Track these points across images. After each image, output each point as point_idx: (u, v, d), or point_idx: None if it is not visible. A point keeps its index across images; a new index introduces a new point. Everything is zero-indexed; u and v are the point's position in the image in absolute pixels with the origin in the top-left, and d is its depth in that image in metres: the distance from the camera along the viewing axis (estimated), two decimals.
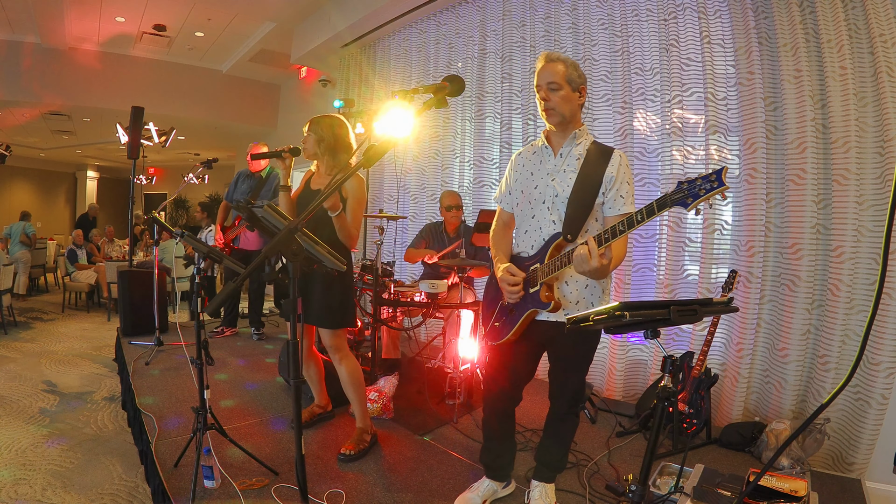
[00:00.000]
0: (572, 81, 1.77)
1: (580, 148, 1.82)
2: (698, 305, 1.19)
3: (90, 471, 2.49)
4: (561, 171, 1.81)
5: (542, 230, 1.81)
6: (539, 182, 1.85)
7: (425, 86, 1.58)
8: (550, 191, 1.81)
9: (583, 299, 1.81)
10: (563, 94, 1.76)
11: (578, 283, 1.80)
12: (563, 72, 1.75)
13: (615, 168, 1.75)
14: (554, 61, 1.77)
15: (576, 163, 1.80)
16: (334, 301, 2.35)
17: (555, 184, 1.80)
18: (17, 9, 5.68)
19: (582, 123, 1.86)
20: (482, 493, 2.04)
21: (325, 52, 6.09)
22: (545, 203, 1.82)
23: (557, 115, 1.78)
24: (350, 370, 2.43)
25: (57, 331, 5.48)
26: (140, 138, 5.12)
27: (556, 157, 1.84)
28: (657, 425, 1.26)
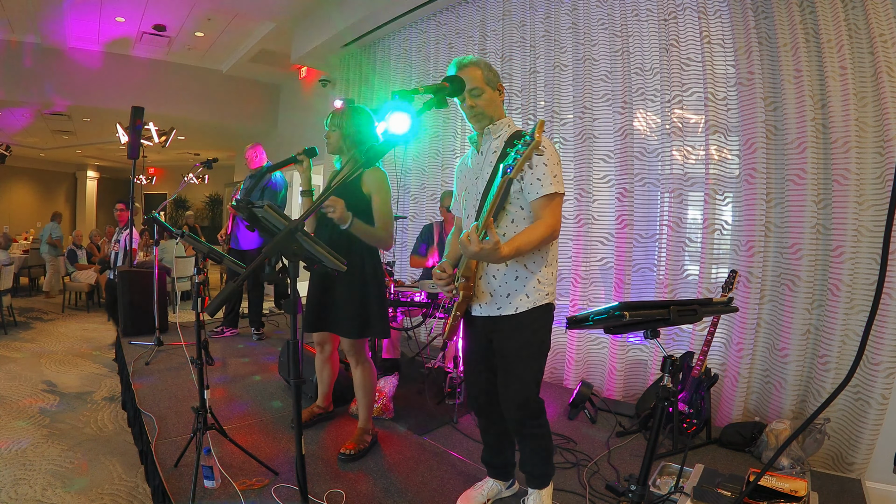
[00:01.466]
0: (491, 82, 1.80)
1: (497, 142, 1.82)
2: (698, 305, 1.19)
3: (90, 471, 2.49)
4: (482, 169, 1.84)
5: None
6: (468, 184, 1.89)
7: (425, 86, 1.58)
8: (475, 190, 1.85)
9: (514, 291, 1.78)
10: (487, 96, 1.79)
11: (507, 276, 1.79)
12: (481, 76, 1.77)
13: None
14: (468, 66, 1.78)
15: (493, 157, 1.80)
16: (355, 308, 2.28)
17: (478, 182, 1.84)
18: (17, 9, 5.68)
19: (503, 116, 1.86)
20: (486, 491, 2.04)
21: (325, 52, 6.09)
22: (472, 203, 1.86)
23: (486, 118, 1.81)
24: (365, 375, 2.42)
25: (57, 331, 5.48)
26: (140, 138, 5.12)
27: (479, 155, 1.87)
28: (657, 425, 1.26)
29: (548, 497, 1.95)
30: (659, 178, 3.23)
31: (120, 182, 15.23)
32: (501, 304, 1.80)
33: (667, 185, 3.17)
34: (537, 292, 1.78)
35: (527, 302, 1.78)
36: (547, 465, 1.93)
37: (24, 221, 12.96)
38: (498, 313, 1.81)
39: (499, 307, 1.80)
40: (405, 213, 4.92)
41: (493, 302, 1.81)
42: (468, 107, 1.79)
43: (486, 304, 1.82)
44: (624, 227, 3.28)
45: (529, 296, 1.77)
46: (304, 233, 1.43)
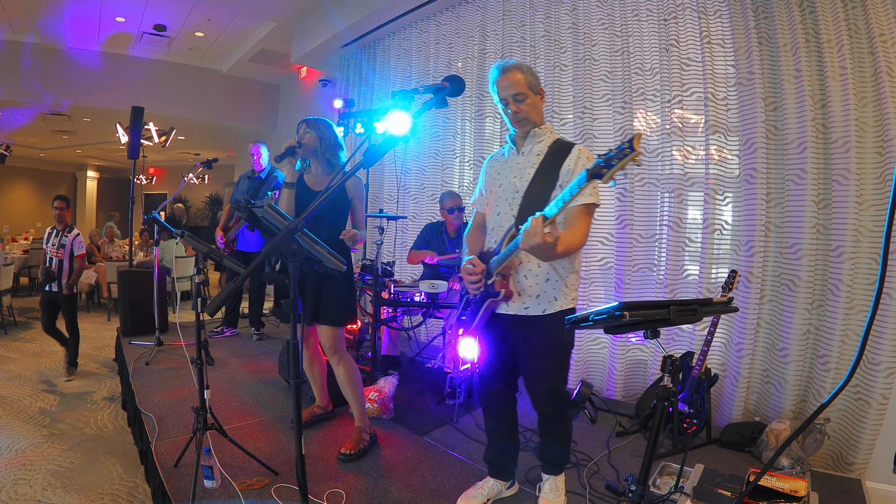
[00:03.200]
0: (533, 87, 1.82)
1: (541, 145, 1.86)
2: (698, 305, 1.19)
3: (90, 471, 2.49)
4: (521, 169, 1.86)
5: (503, 225, 1.85)
6: (503, 181, 1.91)
7: (425, 86, 1.58)
8: (511, 187, 1.87)
9: (543, 293, 1.82)
10: (530, 101, 1.81)
11: (538, 277, 1.82)
12: (523, 80, 1.79)
13: (573, 161, 1.77)
14: (511, 70, 1.80)
15: (535, 159, 1.85)
16: (342, 298, 2.38)
17: (515, 181, 1.86)
18: (17, 9, 5.68)
19: (543, 122, 1.89)
20: (486, 491, 2.04)
21: (325, 52, 6.09)
22: (507, 200, 1.88)
23: (529, 123, 1.84)
24: (347, 371, 2.43)
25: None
26: (140, 138, 5.13)
27: (519, 155, 1.90)
28: (657, 425, 1.26)
29: (562, 483, 2.03)
30: (659, 178, 3.22)
31: (120, 182, 15.23)
32: (529, 305, 1.82)
33: (667, 185, 3.17)
34: (564, 296, 1.83)
35: (555, 305, 1.81)
36: (566, 453, 2.03)
37: (24, 221, 12.96)
38: (525, 313, 1.83)
39: (526, 307, 1.83)
40: (405, 213, 4.92)
41: (521, 301, 1.83)
42: (512, 112, 1.81)
43: (514, 303, 1.84)
44: (624, 227, 3.28)
45: (557, 299, 1.82)
46: (304, 233, 1.43)
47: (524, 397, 3.04)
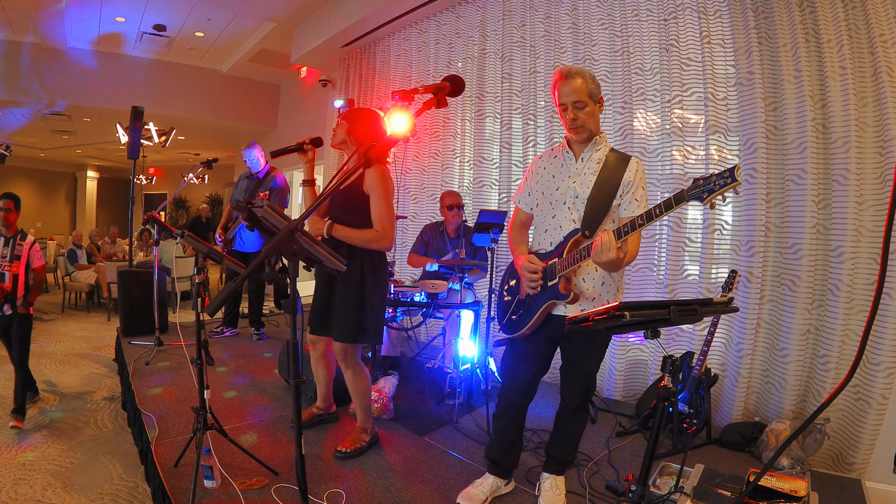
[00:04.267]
0: (594, 95, 1.84)
1: (600, 153, 1.90)
2: (698, 305, 1.18)
3: (90, 471, 2.49)
4: (582, 175, 1.89)
5: (562, 228, 1.88)
6: (560, 184, 1.93)
7: (425, 86, 1.58)
8: (571, 192, 1.89)
9: (598, 296, 1.87)
10: (589, 109, 1.83)
11: (595, 280, 1.86)
12: (584, 88, 1.80)
13: (632, 174, 1.84)
14: (573, 76, 1.80)
15: (596, 166, 1.88)
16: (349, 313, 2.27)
17: (576, 185, 1.88)
18: (17, 9, 5.68)
19: (601, 131, 1.93)
20: (486, 489, 2.05)
21: (325, 52, 6.09)
22: (566, 203, 1.89)
23: (586, 130, 1.86)
24: (357, 380, 2.39)
25: (57, 331, 5.48)
26: (140, 138, 5.12)
27: (578, 161, 1.92)
28: (657, 425, 1.26)
29: (563, 483, 2.06)
30: (659, 178, 3.22)
31: (120, 182, 15.23)
32: (585, 307, 1.86)
33: (667, 185, 3.17)
34: (615, 299, 1.89)
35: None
36: (573, 453, 2.09)
37: (24, 221, 12.86)
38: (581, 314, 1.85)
39: (583, 309, 1.85)
40: (405, 213, 4.92)
41: (578, 304, 1.86)
42: (570, 118, 1.83)
43: (570, 305, 1.86)
44: None
45: (609, 301, 1.86)
46: (303, 233, 1.43)
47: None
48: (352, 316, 2.26)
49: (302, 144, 2.35)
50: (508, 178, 4.09)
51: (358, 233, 2.22)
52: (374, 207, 2.22)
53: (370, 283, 2.28)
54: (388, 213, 2.22)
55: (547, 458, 2.09)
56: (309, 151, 2.37)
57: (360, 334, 2.29)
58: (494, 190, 4.23)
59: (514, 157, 4.05)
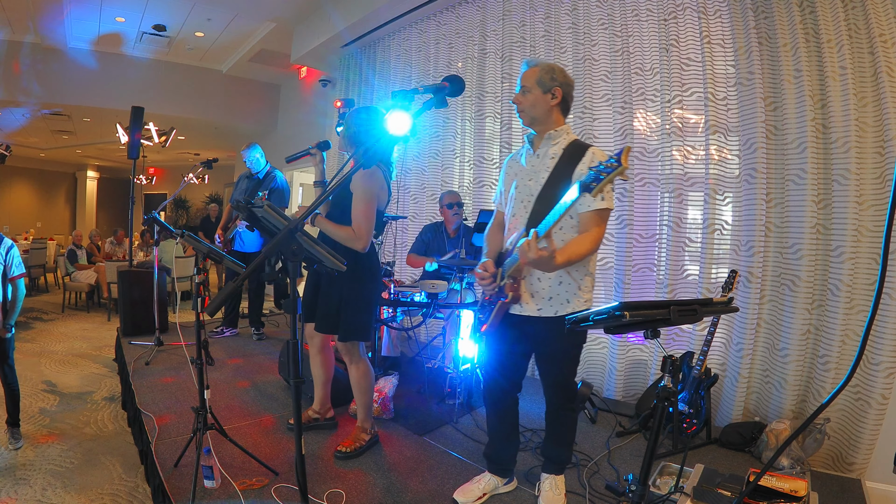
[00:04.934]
0: (543, 84, 1.83)
1: (556, 147, 1.87)
2: (698, 305, 1.18)
3: (90, 471, 2.49)
4: (536, 171, 1.88)
5: (519, 227, 1.86)
6: (520, 182, 1.92)
7: (425, 86, 1.58)
8: (527, 190, 1.88)
9: (556, 295, 1.84)
10: (533, 96, 1.84)
11: (551, 280, 1.84)
12: (534, 74, 1.83)
13: (585, 164, 1.77)
14: (532, 66, 1.86)
15: (550, 161, 1.85)
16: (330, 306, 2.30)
17: (531, 183, 1.87)
18: (17, 9, 5.68)
19: (562, 124, 1.90)
20: (483, 485, 2.06)
21: (325, 52, 6.09)
22: (522, 202, 1.89)
23: (527, 116, 1.87)
24: (360, 375, 2.40)
25: (57, 331, 5.48)
26: (140, 138, 5.12)
27: (535, 156, 1.91)
28: (657, 425, 1.26)
29: (562, 483, 2.04)
30: (659, 178, 3.23)
31: (120, 182, 15.23)
32: (542, 307, 1.85)
33: (667, 185, 3.17)
34: (577, 299, 1.85)
35: (567, 307, 1.83)
36: (568, 451, 2.06)
37: (24, 221, 12.96)
38: (537, 314, 1.85)
39: (539, 308, 1.85)
40: (405, 213, 4.92)
41: (533, 303, 1.85)
42: (514, 99, 1.87)
43: (526, 305, 1.86)
44: (624, 227, 3.28)
45: (570, 301, 1.84)
46: (303, 233, 1.43)
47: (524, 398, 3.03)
48: (332, 310, 2.30)
49: (309, 149, 2.41)
50: None
51: (335, 227, 2.23)
52: (353, 207, 2.22)
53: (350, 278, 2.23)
54: (365, 214, 2.20)
55: (544, 460, 2.09)
56: (316, 155, 2.43)
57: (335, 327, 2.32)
58: (494, 190, 4.23)
59: None
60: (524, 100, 1.85)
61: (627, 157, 1.32)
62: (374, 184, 2.24)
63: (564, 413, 2.00)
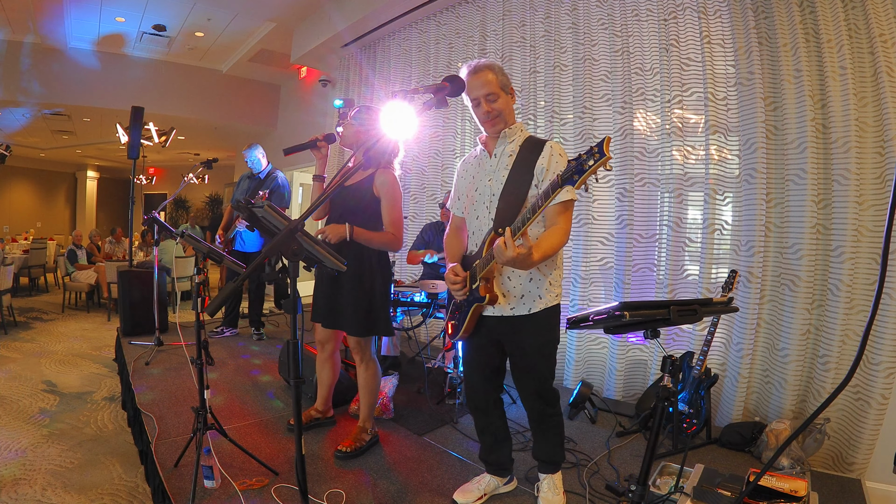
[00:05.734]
0: (505, 86, 1.83)
1: (513, 145, 1.86)
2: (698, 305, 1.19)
3: (90, 471, 2.49)
4: (495, 171, 1.86)
5: (483, 229, 1.86)
6: (479, 185, 1.91)
7: (425, 86, 1.58)
8: (487, 191, 1.86)
9: (528, 293, 1.84)
10: (502, 100, 1.82)
11: (522, 277, 1.83)
12: (495, 80, 1.80)
13: (546, 159, 1.77)
14: (482, 70, 1.80)
15: (508, 160, 1.84)
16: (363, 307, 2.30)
17: (491, 184, 1.86)
18: (17, 9, 5.68)
19: (514, 122, 1.89)
20: (483, 486, 2.06)
21: (325, 52, 6.09)
22: (484, 204, 1.87)
23: (501, 121, 1.84)
24: (370, 374, 2.42)
25: (57, 331, 5.48)
26: (140, 138, 5.12)
27: (492, 158, 1.89)
28: (657, 425, 1.26)
29: (559, 480, 2.04)
30: (659, 178, 3.23)
31: (120, 182, 15.23)
32: (515, 305, 1.84)
33: (667, 185, 3.17)
34: (549, 293, 1.84)
35: (540, 303, 1.83)
36: (559, 450, 2.04)
37: (24, 221, 12.96)
38: (511, 313, 1.85)
39: (512, 307, 1.84)
40: (405, 213, 4.91)
41: (506, 302, 1.84)
42: (484, 112, 1.81)
43: (500, 305, 1.84)
44: (624, 227, 3.28)
45: (542, 297, 1.83)
46: (303, 232, 1.43)
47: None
48: (366, 310, 2.31)
49: (315, 141, 2.38)
50: None
51: (378, 235, 2.29)
52: (387, 212, 2.31)
53: (379, 279, 2.34)
54: (400, 217, 2.33)
55: (538, 462, 2.07)
56: (322, 148, 2.42)
57: (373, 327, 2.34)
58: None
59: None
60: (495, 107, 1.80)
61: (609, 146, 1.32)
62: (399, 184, 2.35)
63: (547, 419, 1.96)
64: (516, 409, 3.06)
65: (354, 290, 2.30)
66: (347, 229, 2.23)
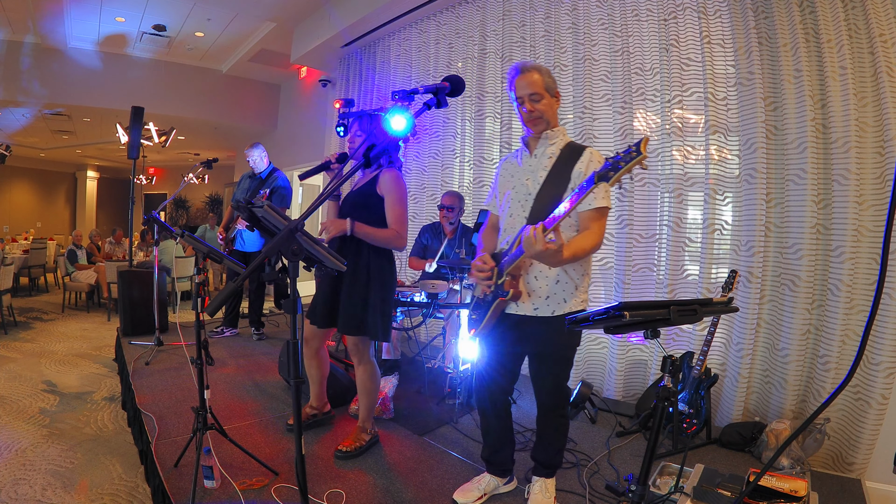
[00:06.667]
0: (550, 88, 1.85)
1: (553, 147, 1.89)
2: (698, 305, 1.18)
3: (90, 471, 2.49)
4: (534, 171, 1.89)
5: (516, 227, 1.87)
6: (516, 183, 1.93)
7: (425, 86, 1.58)
8: (524, 189, 1.89)
9: (553, 294, 1.84)
10: (546, 101, 1.85)
11: (549, 279, 1.84)
12: (541, 81, 1.83)
13: (584, 164, 1.80)
14: (529, 71, 1.84)
15: (548, 161, 1.87)
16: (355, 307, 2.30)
17: (528, 183, 1.88)
18: (17, 9, 5.68)
19: (557, 125, 1.92)
20: (483, 486, 2.06)
21: (325, 52, 6.09)
22: (519, 202, 1.90)
23: (543, 122, 1.87)
24: (367, 375, 2.41)
25: (57, 331, 5.48)
26: (140, 138, 5.12)
27: (532, 157, 1.92)
28: (657, 425, 1.26)
29: (552, 486, 2.03)
30: (659, 178, 3.22)
31: (120, 182, 15.23)
32: (539, 306, 1.84)
33: (667, 185, 3.17)
34: (574, 298, 1.85)
35: (564, 307, 1.84)
36: (558, 456, 2.03)
37: (24, 221, 12.97)
38: (534, 314, 1.85)
39: (535, 308, 1.85)
40: None
41: (530, 302, 1.85)
42: (527, 111, 1.84)
43: (524, 304, 1.85)
44: (624, 227, 3.28)
45: (567, 301, 1.84)
46: (303, 233, 1.43)
47: (525, 398, 3.04)
48: (357, 310, 2.30)
49: (329, 162, 2.34)
50: None
51: (379, 232, 2.28)
52: (391, 210, 2.31)
53: (377, 278, 2.33)
54: (404, 215, 2.33)
55: (534, 464, 2.07)
56: (335, 169, 2.37)
57: (362, 327, 2.32)
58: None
59: None
60: (538, 107, 1.84)
61: (646, 146, 1.34)
62: (404, 184, 2.36)
63: (556, 418, 1.97)
64: (516, 409, 3.06)
65: (349, 287, 2.30)
66: (349, 224, 2.24)
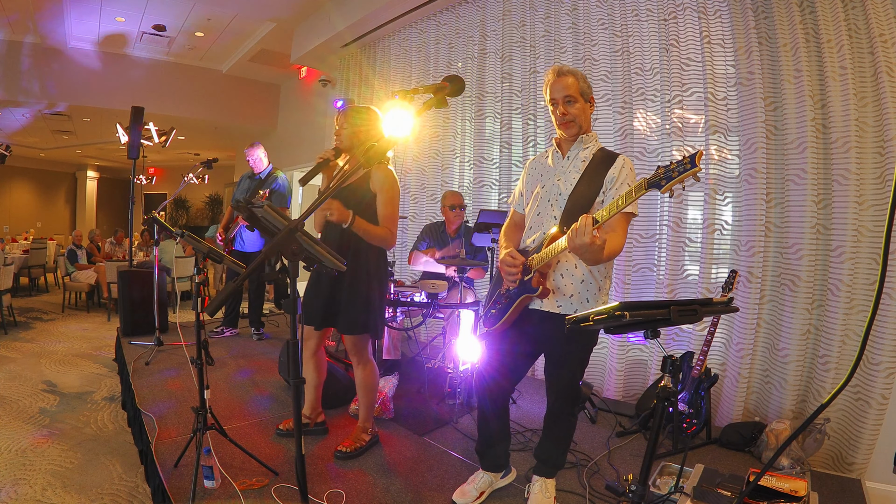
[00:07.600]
0: (584, 93, 1.88)
1: (587, 152, 1.91)
2: (698, 305, 1.18)
3: (90, 471, 2.49)
4: (566, 172, 1.91)
5: (545, 225, 1.89)
6: (546, 182, 1.95)
7: (425, 86, 1.58)
8: (555, 189, 1.91)
9: (577, 293, 1.86)
10: (579, 105, 1.87)
11: (574, 277, 1.86)
12: (575, 85, 1.85)
13: (617, 170, 1.83)
14: (565, 74, 1.87)
15: (581, 164, 1.89)
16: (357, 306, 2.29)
17: (560, 183, 1.90)
18: (17, 9, 5.68)
19: (590, 129, 1.95)
20: (479, 485, 2.06)
21: (325, 52, 6.09)
22: (549, 201, 1.91)
23: (576, 126, 1.89)
24: (367, 375, 2.40)
25: (57, 331, 5.48)
26: (140, 138, 5.12)
27: (564, 159, 1.94)
28: (657, 425, 1.26)
29: (552, 486, 2.03)
30: None
31: (120, 182, 15.23)
32: (562, 304, 1.86)
33: None
34: (597, 300, 1.87)
35: (586, 307, 1.85)
36: (562, 456, 2.04)
37: (24, 221, 12.97)
38: (557, 311, 1.86)
39: (559, 305, 1.86)
40: (405, 213, 4.92)
41: (554, 299, 1.86)
42: (560, 113, 1.87)
43: (548, 300, 1.86)
44: None
45: (590, 301, 1.86)
46: (303, 233, 1.43)
47: (525, 398, 3.04)
48: (359, 309, 2.30)
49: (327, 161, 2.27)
50: (508, 178, 4.09)
51: (375, 229, 2.26)
52: (382, 207, 2.29)
53: (375, 276, 2.34)
54: (394, 214, 2.32)
55: (537, 462, 2.06)
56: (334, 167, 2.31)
57: (366, 326, 2.32)
58: (494, 190, 4.23)
59: (514, 157, 4.05)
60: (572, 111, 1.86)
61: (701, 159, 1.39)
62: (397, 184, 2.35)
63: (565, 417, 1.99)
64: (517, 409, 3.06)
65: (351, 288, 2.29)
66: (350, 216, 2.19)
